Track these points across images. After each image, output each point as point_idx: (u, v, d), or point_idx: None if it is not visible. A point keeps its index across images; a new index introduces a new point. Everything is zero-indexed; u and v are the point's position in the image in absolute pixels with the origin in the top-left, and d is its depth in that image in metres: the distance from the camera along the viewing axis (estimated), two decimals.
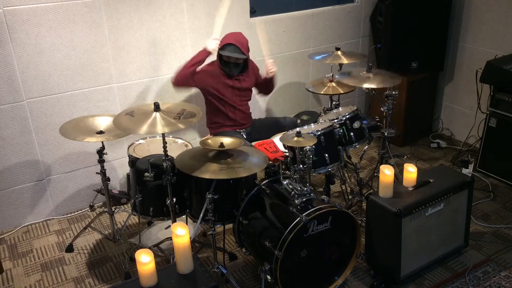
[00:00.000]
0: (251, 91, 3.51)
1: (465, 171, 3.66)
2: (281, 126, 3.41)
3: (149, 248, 2.52)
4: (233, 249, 3.10)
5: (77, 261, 3.07)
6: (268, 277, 2.43)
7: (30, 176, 3.35)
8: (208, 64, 3.32)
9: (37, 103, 3.21)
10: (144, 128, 2.33)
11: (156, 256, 2.81)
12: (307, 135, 2.60)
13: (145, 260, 2.05)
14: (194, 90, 3.73)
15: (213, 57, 3.34)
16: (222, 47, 3.20)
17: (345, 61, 3.52)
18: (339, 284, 2.68)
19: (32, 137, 3.26)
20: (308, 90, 3.62)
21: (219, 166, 2.35)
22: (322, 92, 3.48)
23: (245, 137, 3.33)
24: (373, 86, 3.04)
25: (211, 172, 2.32)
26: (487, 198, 3.55)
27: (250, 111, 3.55)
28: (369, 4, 4.39)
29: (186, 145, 3.04)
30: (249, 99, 3.51)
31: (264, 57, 3.61)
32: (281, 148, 2.78)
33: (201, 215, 2.52)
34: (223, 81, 3.30)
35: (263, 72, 3.53)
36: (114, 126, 2.78)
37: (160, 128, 2.34)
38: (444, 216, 2.76)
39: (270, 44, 3.97)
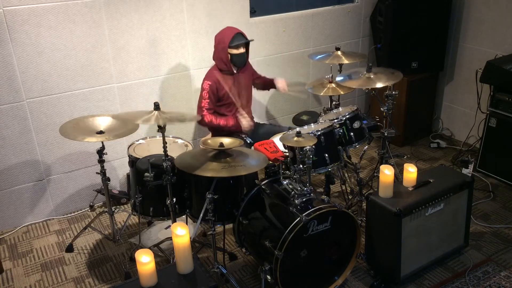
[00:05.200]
0: (251, 89, 3.50)
1: (465, 171, 3.66)
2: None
3: (149, 248, 2.52)
4: (233, 249, 3.10)
5: (77, 261, 3.07)
6: (268, 277, 2.43)
7: (30, 176, 3.35)
8: (207, 80, 3.25)
9: (37, 103, 3.21)
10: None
11: (156, 256, 2.81)
12: (307, 135, 2.60)
13: (145, 260, 2.05)
14: (194, 97, 3.74)
15: (209, 64, 3.33)
16: (231, 40, 3.16)
17: (345, 61, 3.52)
18: (339, 284, 2.68)
19: (32, 137, 3.26)
20: (308, 91, 3.62)
21: (220, 165, 2.36)
22: (321, 94, 3.48)
23: (248, 142, 3.31)
24: (375, 86, 3.03)
25: (213, 170, 2.32)
26: (487, 198, 3.55)
27: (252, 115, 3.55)
28: (369, 4, 4.39)
29: (186, 145, 3.04)
30: (250, 100, 3.50)
31: (264, 56, 3.60)
32: (281, 148, 2.78)
33: (201, 215, 2.52)
34: (226, 83, 3.28)
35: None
36: (114, 126, 2.80)
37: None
38: (444, 216, 2.76)
39: (270, 45, 3.98)
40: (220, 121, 3.25)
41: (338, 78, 3.23)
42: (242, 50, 3.23)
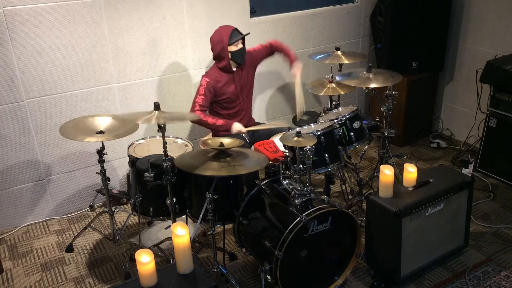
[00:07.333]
0: (252, 86, 3.49)
1: (465, 171, 3.66)
2: None
3: (149, 248, 2.52)
4: (233, 249, 3.10)
5: (77, 261, 3.07)
6: (268, 277, 2.43)
7: (30, 176, 3.35)
8: (206, 77, 3.23)
9: (37, 103, 3.21)
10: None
11: (156, 256, 2.81)
12: (307, 135, 2.59)
13: (145, 260, 2.05)
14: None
15: (209, 64, 3.32)
16: (230, 38, 3.16)
17: (345, 61, 3.52)
18: (339, 284, 2.68)
19: (32, 137, 3.26)
20: (308, 91, 3.62)
21: (220, 164, 2.36)
22: (322, 94, 3.48)
23: (248, 141, 3.30)
24: (373, 86, 3.03)
25: (212, 169, 2.32)
26: (487, 198, 3.55)
27: (252, 116, 3.54)
28: (369, 4, 4.40)
29: (186, 145, 3.04)
30: (251, 98, 3.49)
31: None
32: (281, 148, 2.78)
33: (201, 215, 2.52)
34: (225, 82, 3.28)
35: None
36: (114, 126, 2.79)
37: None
38: (444, 216, 2.76)
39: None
40: (208, 118, 3.19)
41: (338, 77, 3.22)
42: (240, 45, 3.23)
